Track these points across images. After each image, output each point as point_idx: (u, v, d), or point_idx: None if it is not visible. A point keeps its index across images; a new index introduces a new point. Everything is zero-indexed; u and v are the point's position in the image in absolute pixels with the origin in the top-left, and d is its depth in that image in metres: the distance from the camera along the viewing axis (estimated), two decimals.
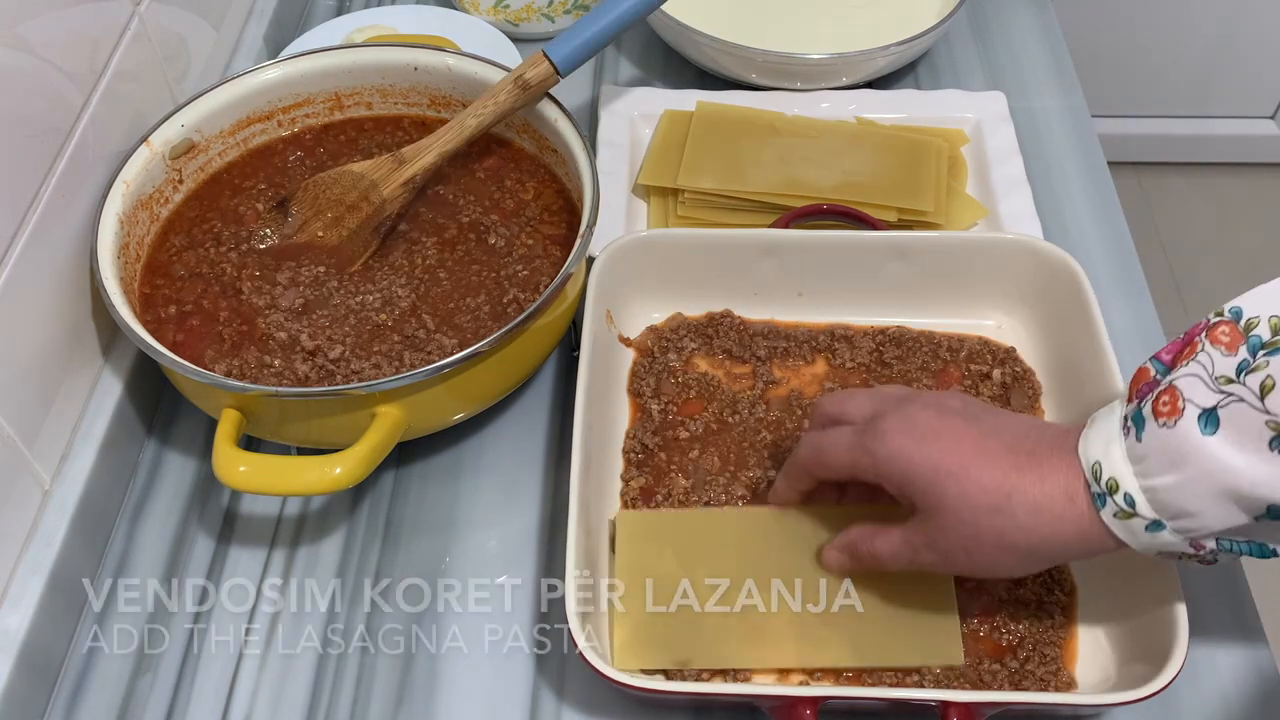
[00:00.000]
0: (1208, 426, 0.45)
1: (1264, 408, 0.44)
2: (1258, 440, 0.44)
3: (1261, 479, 0.44)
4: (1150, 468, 0.47)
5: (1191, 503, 0.46)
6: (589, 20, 0.69)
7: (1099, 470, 0.49)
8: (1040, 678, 0.58)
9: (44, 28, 0.61)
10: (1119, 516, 0.48)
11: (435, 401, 0.62)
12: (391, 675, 0.60)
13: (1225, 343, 0.46)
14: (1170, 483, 0.46)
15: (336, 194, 0.70)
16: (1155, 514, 0.47)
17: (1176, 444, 0.46)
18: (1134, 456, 0.48)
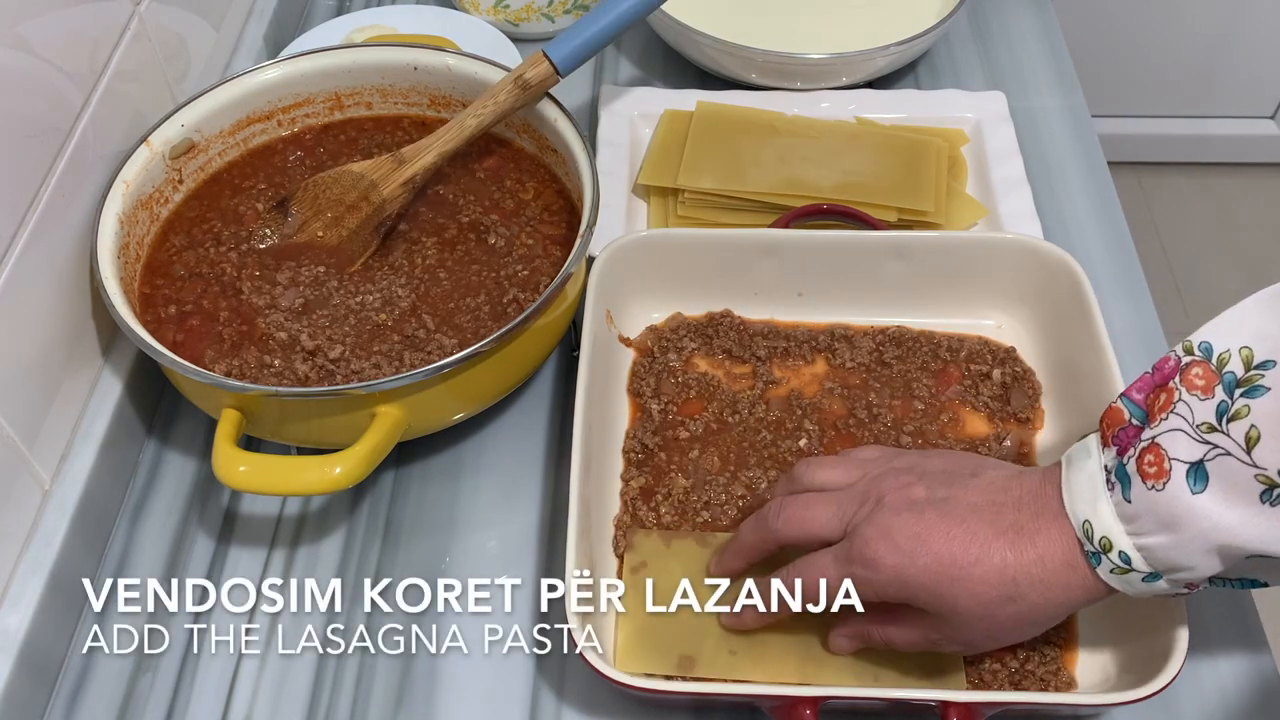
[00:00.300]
0: (1197, 483, 0.46)
1: (1251, 461, 0.44)
2: (1248, 495, 0.45)
3: (1254, 535, 0.45)
4: (1143, 528, 0.47)
5: (1186, 559, 0.47)
6: (589, 20, 0.69)
7: (1090, 530, 0.49)
8: (1040, 678, 0.58)
9: (44, 28, 0.61)
10: (1115, 572, 0.49)
11: (435, 401, 0.62)
12: (391, 675, 0.60)
13: (1200, 386, 0.46)
14: (1165, 542, 0.47)
15: (336, 194, 0.70)
16: (1150, 568, 0.48)
17: (1167, 506, 0.46)
18: (1124, 516, 0.48)
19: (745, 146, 0.81)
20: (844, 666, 0.57)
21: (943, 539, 0.51)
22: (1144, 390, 0.49)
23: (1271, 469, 0.44)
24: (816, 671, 0.57)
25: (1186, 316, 1.78)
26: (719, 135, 0.82)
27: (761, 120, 0.83)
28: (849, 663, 0.58)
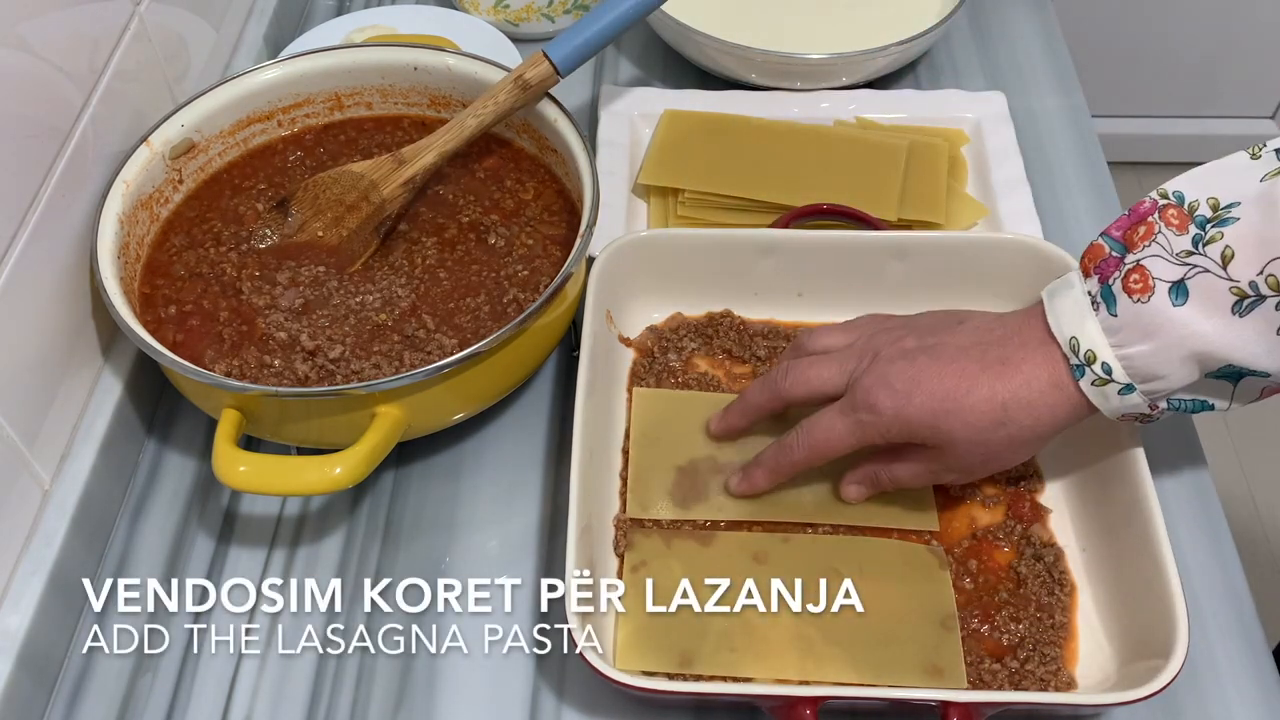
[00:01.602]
0: (1178, 298, 0.51)
1: (1227, 275, 0.50)
2: (1223, 306, 0.51)
3: (1225, 343, 0.51)
4: (1126, 339, 0.53)
5: (1163, 367, 0.52)
6: (589, 20, 0.69)
7: (1076, 344, 0.54)
8: (1040, 678, 0.58)
9: (44, 28, 0.61)
10: (1096, 384, 0.54)
11: (435, 401, 0.62)
12: (391, 675, 0.60)
13: (1176, 224, 0.52)
14: (1145, 350, 0.52)
15: (336, 194, 0.70)
16: (1129, 379, 0.53)
17: (1150, 317, 0.52)
18: (1109, 329, 0.53)
19: (745, 148, 0.81)
20: (844, 665, 0.57)
21: (935, 378, 0.57)
22: (1122, 228, 0.55)
23: (1244, 281, 0.50)
24: (816, 669, 0.57)
25: None
26: (719, 137, 0.82)
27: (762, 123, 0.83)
28: (849, 661, 0.58)
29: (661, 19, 0.86)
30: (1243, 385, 0.54)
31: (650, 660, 0.58)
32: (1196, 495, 0.67)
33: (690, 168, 0.80)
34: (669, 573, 0.61)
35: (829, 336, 0.64)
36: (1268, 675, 0.60)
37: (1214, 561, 0.64)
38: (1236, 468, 1.65)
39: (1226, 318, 0.51)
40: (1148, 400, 0.54)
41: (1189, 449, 0.69)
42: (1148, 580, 0.57)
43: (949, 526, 0.64)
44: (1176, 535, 0.60)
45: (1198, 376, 0.53)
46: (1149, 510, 0.58)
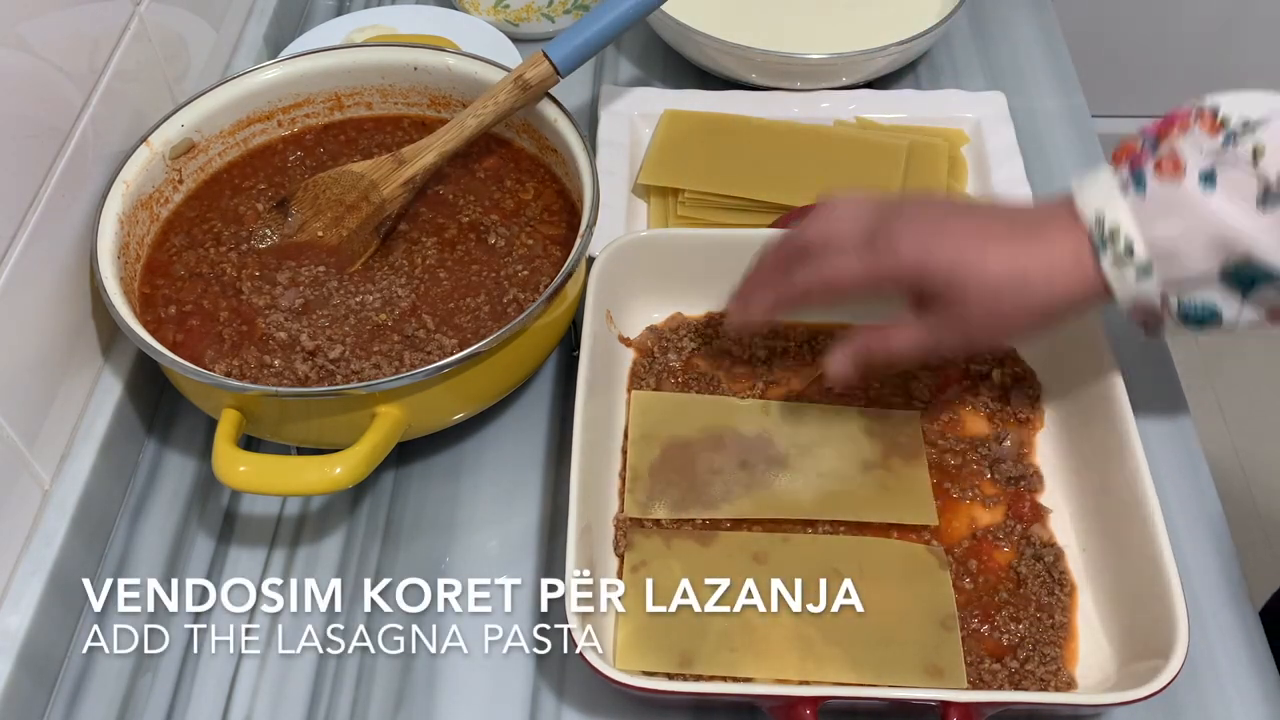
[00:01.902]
0: (1207, 185, 0.52)
1: (1255, 169, 0.52)
2: (1248, 197, 0.52)
3: (1247, 230, 0.51)
4: (1152, 216, 0.53)
5: (1185, 246, 0.53)
6: (589, 20, 0.69)
7: (1102, 219, 0.54)
8: (1040, 678, 0.58)
9: (44, 28, 0.61)
10: (1115, 264, 0.54)
11: (435, 401, 0.62)
12: (391, 675, 0.60)
13: (1208, 128, 0.54)
14: (1169, 229, 0.53)
15: (336, 194, 0.70)
16: (1149, 257, 0.53)
17: (1180, 197, 0.53)
18: (1136, 208, 0.54)
19: (745, 148, 0.81)
20: (844, 665, 0.58)
21: (962, 230, 0.56)
22: (1156, 127, 0.56)
23: (1271, 176, 0.51)
24: (816, 669, 0.57)
25: None
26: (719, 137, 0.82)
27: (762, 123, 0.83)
28: (849, 661, 0.58)
29: (661, 19, 0.86)
30: (1254, 295, 0.54)
31: (650, 660, 0.58)
32: (1197, 495, 0.67)
33: (690, 168, 0.80)
34: (669, 573, 0.61)
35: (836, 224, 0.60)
36: (1268, 675, 0.60)
37: (1214, 561, 0.64)
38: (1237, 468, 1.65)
39: (1251, 210, 0.51)
40: (1161, 289, 0.54)
41: (1189, 448, 0.69)
42: (1148, 580, 0.57)
43: (949, 526, 0.64)
44: (1176, 535, 0.60)
45: (1216, 268, 0.53)
46: (1149, 510, 0.58)
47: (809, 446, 0.66)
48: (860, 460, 0.66)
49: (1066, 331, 0.68)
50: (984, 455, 0.66)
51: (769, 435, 0.67)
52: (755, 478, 0.65)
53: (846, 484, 0.65)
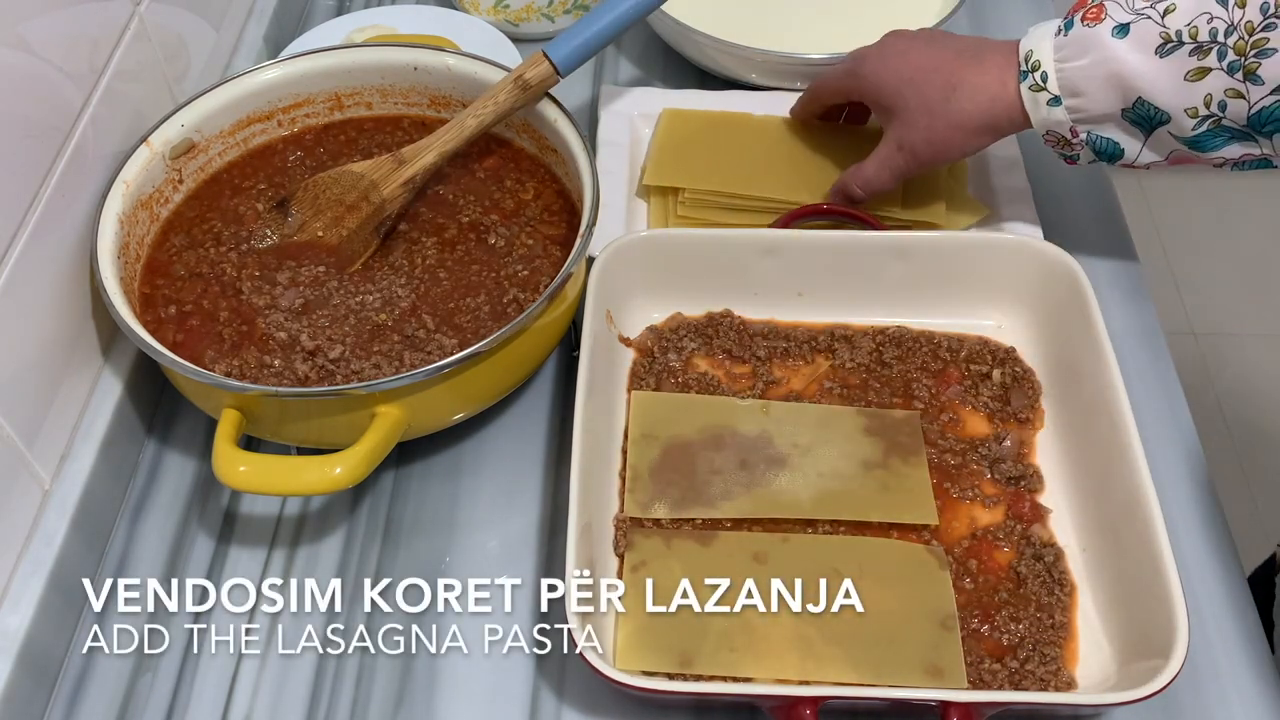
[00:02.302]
0: (1120, 34, 0.62)
1: (1162, 23, 0.61)
2: (1150, 45, 0.61)
3: (1142, 73, 0.61)
4: (1067, 54, 0.64)
5: (1087, 84, 0.63)
6: (589, 20, 0.69)
7: (1030, 55, 0.65)
8: (1040, 678, 0.58)
9: (44, 28, 0.61)
10: (1032, 89, 0.65)
11: (435, 401, 0.62)
12: (391, 675, 0.60)
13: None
14: (1077, 65, 0.63)
15: (336, 194, 0.70)
16: (1058, 90, 0.64)
17: (1091, 38, 0.63)
18: (1058, 45, 0.64)
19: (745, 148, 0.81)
20: (844, 665, 0.58)
21: (914, 55, 0.70)
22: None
23: (1172, 29, 0.60)
24: (816, 669, 0.57)
25: (1186, 316, 1.78)
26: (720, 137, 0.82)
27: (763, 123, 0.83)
28: (849, 661, 0.58)
29: (661, 19, 0.86)
30: (1153, 138, 0.64)
31: (650, 660, 0.58)
32: (1197, 496, 0.67)
33: (693, 167, 0.80)
34: (669, 573, 0.61)
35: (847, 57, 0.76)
36: (1268, 675, 0.60)
37: (1214, 561, 0.64)
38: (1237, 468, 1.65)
39: (1150, 56, 0.61)
40: (1070, 120, 0.65)
41: (1189, 448, 0.69)
42: (1148, 580, 0.57)
43: (949, 526, 0.64)
44: (1176, 535, 0.60)
45: (1116, 106, 0.63)
46: (1149, 510, 0.58)
47: (809, 446, 0.66)
48: (860, 460, 0.66)
49: (1066, 331, 0.68)
50: (984, 455, 0.66)
51: (769, 435, 0.67)
52: (755, 478, 0.65)
53: (846, 484, 0.65)
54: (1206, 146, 0.63)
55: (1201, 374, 1.73)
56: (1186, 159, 0.65)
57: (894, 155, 0.71)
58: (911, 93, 0.69)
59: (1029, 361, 0.70)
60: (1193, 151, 0.63)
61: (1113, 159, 0.66)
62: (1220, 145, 0.63)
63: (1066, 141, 0.66)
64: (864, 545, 0.63)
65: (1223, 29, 0.59)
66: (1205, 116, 0.61)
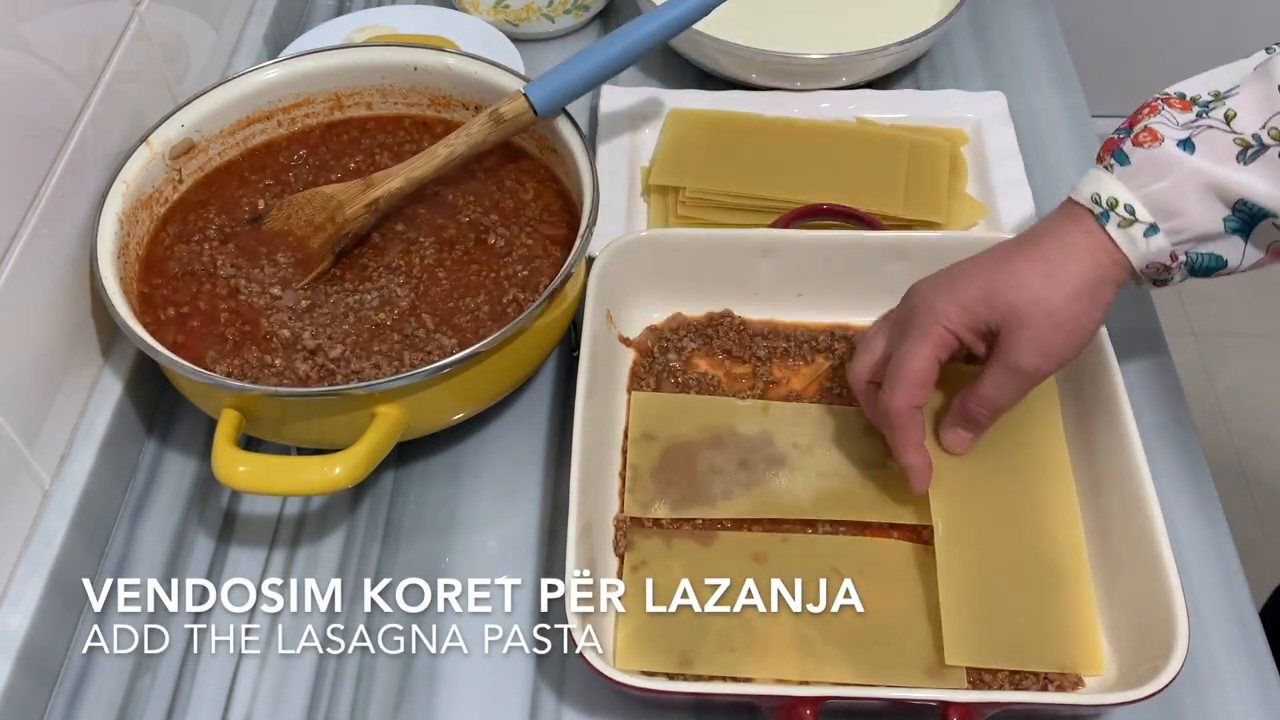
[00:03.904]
0: (1186, 148, 0.56)
1: (1230, 129, 0.55)
2: (1228, 154, 0.55)
3: (1236, 180, 0.55)
4: (1143, 181, 0.56)
5: (1181, 201, 0.56)
6: (573, 63, 0.69)
7: (1098, 196, 0.57)
8: (1040, 678, 0.58)
9: (44, 28, 0.61)
10: (1122, 225, 0.57)
11: (435, 401, 0.62)
12: (391, 675, 0.60)
13: (1178, 106, 0.57)
14: (1163, 186, 0.56)
15: (308, 214, 0.70)
16: (1152, 217, 0.56)
17: (1163, 158, 0.56)
18: (1124, 176, 0.57)
19: (747, 148, 0.81)
20: (844, 665, 0.58)
21: (976, 269, 0.59)
22: (1128, 120, 0.59)
23: (1247, 134, 0.55)
24: (816, 669, 0.57)
25: (1186, 316, 1.78)
26: (722, 137, 0.82)
27: (764, 122, 0.83)
28: (849, 661, 0.58)
29: None
30: (1255, 233, 0.57)
31: (650, 660, 0.58)
32: (1197, 495, 0.67)
33: (700, 166, 0.80)
34: (669, 573, 0.61)
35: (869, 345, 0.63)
36: (1268, 675, 0.60)
37: (1214, 561, 0.64)
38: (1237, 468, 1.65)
39: (1233, 165, 0.55)
40: (1171, 244, 0.57)
41: (1189, 448, 0.69)
42: (1148, 580, 0.57)
43: None
44: (1176, 535, 0.60)
45: (1217, 216, 0.56)
46: (1149, 510, 0.58)
47: (809, 446, 0.66)
48: (860, 460, 0.66)
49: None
50: None
51: (769, 435, 0.67)
52: (755, 478, 0.65)
53: (846, 484, 0.65)
54: None
55: (1201, 374, 1.73)
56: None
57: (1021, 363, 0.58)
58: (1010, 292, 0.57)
59: None
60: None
61: (1211, 272, 0.59)
62: None
63: (1165, 268, 0.58)
64: (864, 545, 0.63)
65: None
66: None
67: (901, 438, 0.60)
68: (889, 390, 0.59)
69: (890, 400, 0.59)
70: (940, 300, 0.58)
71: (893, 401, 0.59)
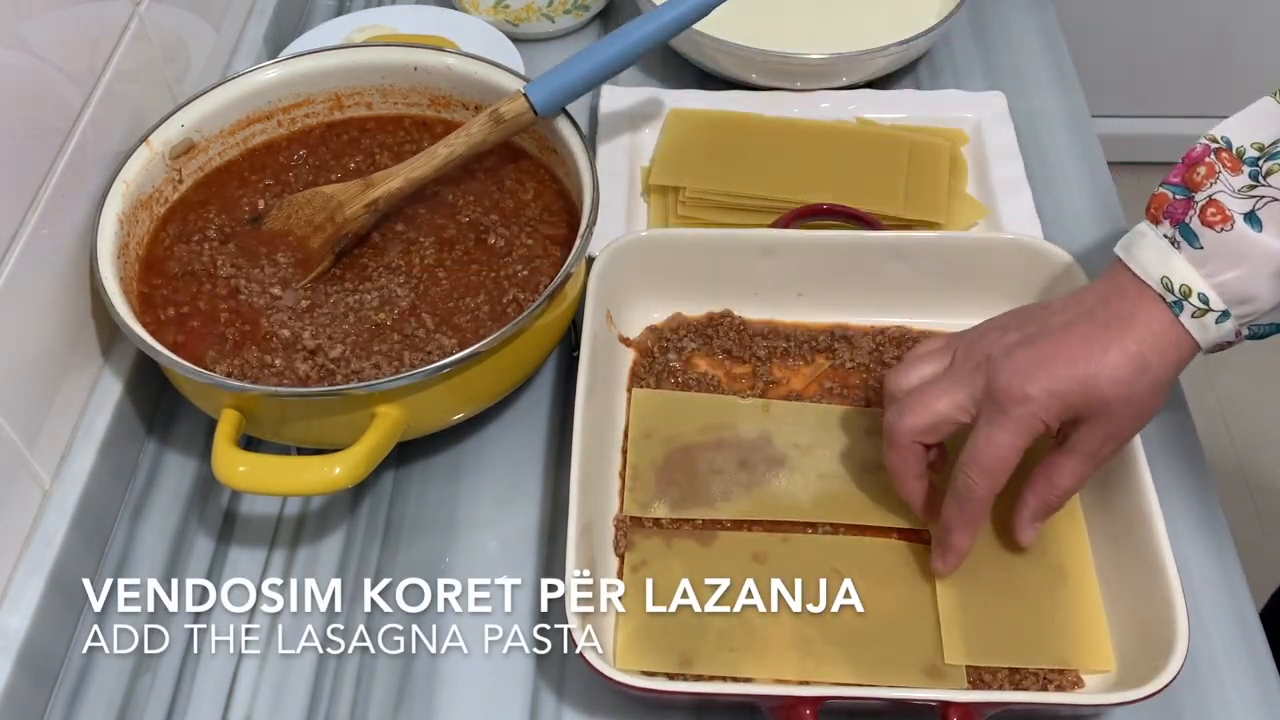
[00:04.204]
0: (1254, 226, 0.55)
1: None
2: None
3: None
4: (1215, 268, 0.55)
5: (1254, 288, 0.55)
6: (573, 63, 0.68)
7: (1170, 283, 0.56)
8: (1041, 678, 0.58)
9: (44, 28, 0.61)
10: (1195, 315, 0.56)
11: (435, 401, 0.62)
12: (391, 675, 0.60)
13: (1230, 166, 0.56)
14: (1237, 275, 0.55)
15: (307, 214, 0.70)
16: (1224, 305, 0.56)
17: (1234, 243, 0.55)
18: (1196, 261, 0.56)
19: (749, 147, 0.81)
20: (844, 665, 0.57)
21: (1063, 352, 0.56)
22: (1180, 174, 0.58)
23: None
24: (816, 669, 0.57)
25: None
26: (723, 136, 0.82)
27: (765, 122, 0.83)
28: (849, 661, 0.58)
29: None
30: None
31: (650, 660, 0.58)
32: (1197, 495, 0.67)
33: (700, 166, 0.80)
34: (669, 573, 0.61)
35: (920, 366, 0.61)
36: (1268, 675, 0.60)
37: (1214, 561, 0.64)
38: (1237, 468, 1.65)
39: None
40: (1238, 325, 0.57)
41: (1189, 448, 0.69)
42: (1148, 580, 0.57)
43: None
44: (1176, 535, 0.60)
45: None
46: (1149, 511, 0.58)
47: (809, 446, 0.66)
48: (860, 461, 0.66)
49: None
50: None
51: (769, 435, 0.67)
52: (755, 478, 0.65)
53: (846, 485, 0.65)
54: None
55: (1202, 376, 1.73)
56: None
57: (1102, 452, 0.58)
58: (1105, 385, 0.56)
59: None
60: None
61: (1270, 335, 0.60)
62: None
63: (1229, 343, 0.59)
64: (864, 545, 0.63)
65: None
66: None
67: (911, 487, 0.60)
68: (977, 477, 0.57)
69: (976, 488, 0.57)
70: (1035, 389, 0.56)
71: (978, 489, 0.57)
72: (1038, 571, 0.61)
